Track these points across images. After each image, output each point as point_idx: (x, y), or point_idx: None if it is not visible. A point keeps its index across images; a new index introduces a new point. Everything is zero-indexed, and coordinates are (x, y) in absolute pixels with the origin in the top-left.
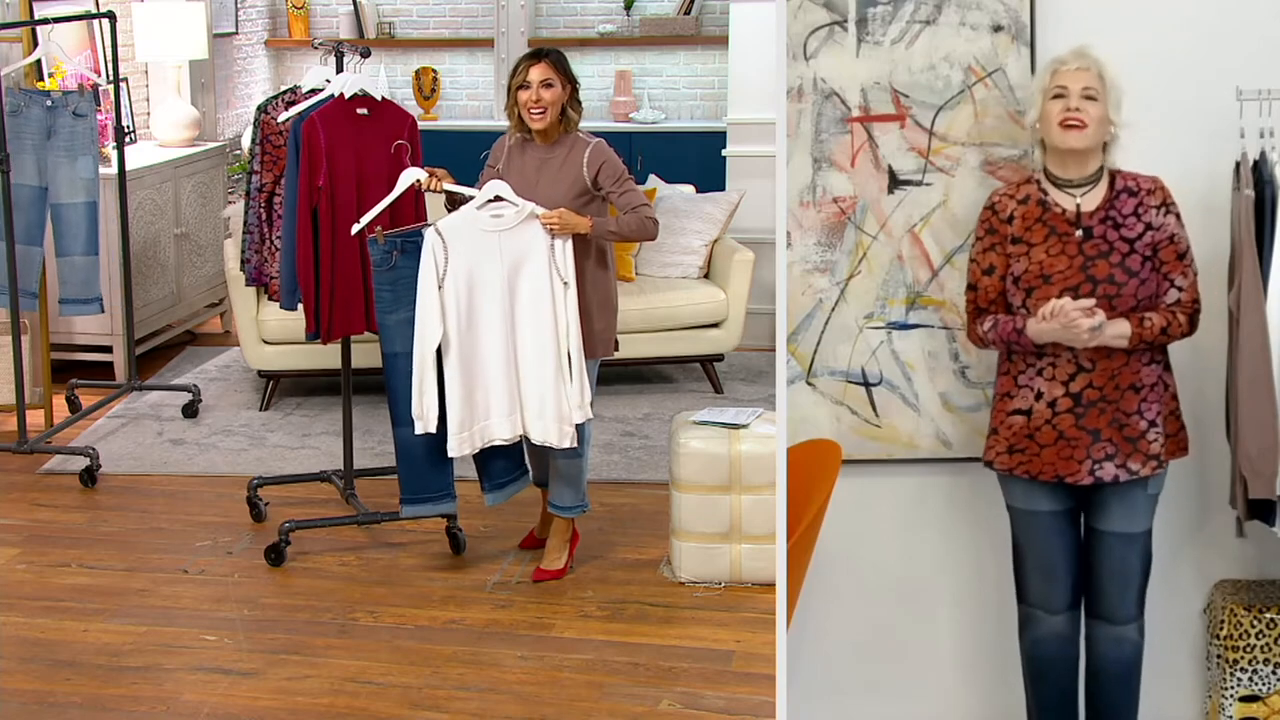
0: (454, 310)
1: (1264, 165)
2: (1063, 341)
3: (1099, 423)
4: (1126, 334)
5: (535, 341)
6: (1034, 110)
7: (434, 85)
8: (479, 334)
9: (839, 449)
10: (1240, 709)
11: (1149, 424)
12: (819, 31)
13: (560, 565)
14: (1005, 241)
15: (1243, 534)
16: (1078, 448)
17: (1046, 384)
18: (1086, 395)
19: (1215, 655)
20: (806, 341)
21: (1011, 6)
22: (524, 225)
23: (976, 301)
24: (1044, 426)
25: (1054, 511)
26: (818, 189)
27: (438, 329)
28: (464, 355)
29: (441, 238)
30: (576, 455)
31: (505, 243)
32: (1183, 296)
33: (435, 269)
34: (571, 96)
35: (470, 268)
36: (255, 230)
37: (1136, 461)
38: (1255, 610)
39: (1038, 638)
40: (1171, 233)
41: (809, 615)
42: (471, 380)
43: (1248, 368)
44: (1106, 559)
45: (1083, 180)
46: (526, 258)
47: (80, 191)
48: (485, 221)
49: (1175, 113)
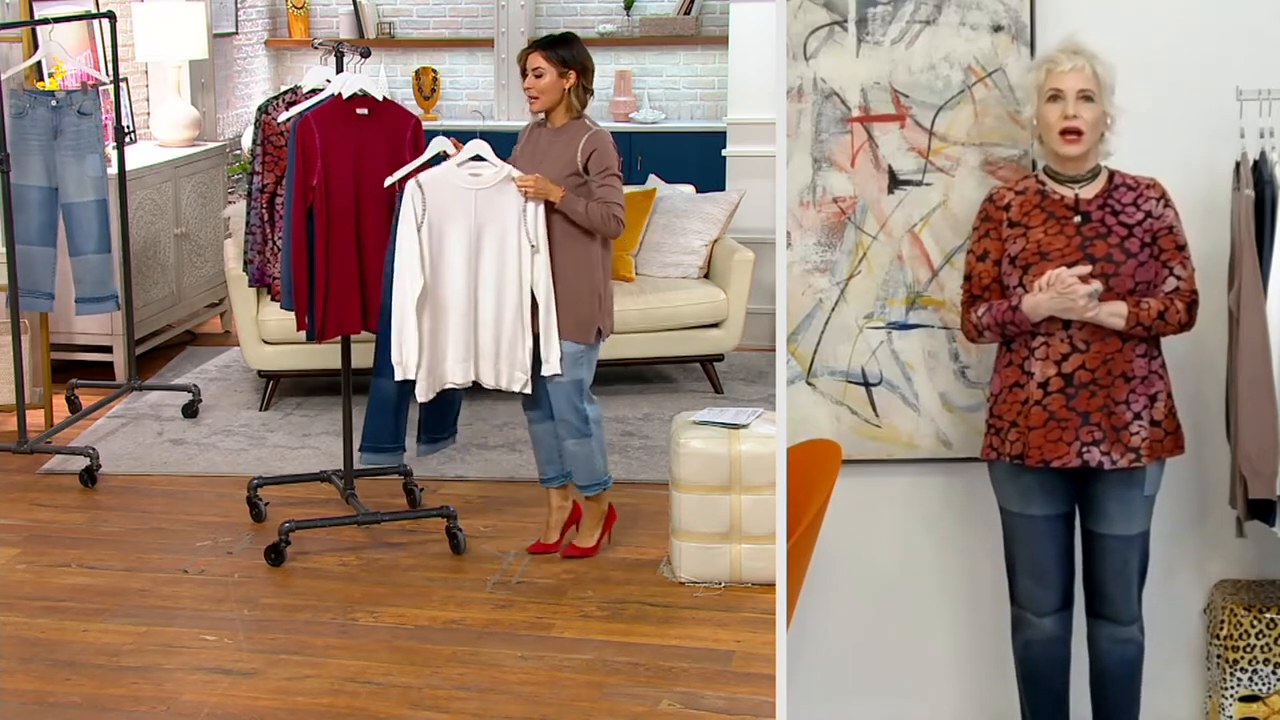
0: (426, 260)
1: (1264, 165)
2: (1059, 314)
3: (1089, 405)
4: (1123, 314)
5: (496, 295)
6: (1029, 107)
7: (434, 85)
8: (442, 284)
9: (839, 449)
10: (1240, 709)
11: (1134, 416)
12: (819, 31)
13: (590, 544)
14: (1001, 226)
15: (1243, 534)
16: (1066, 429)
17: (1039, 364)
18: (1078, 376)
19: (1215, 655)
20: (806, 341)
21: (1011, 6)
22: (500, 186)
23: (970, 290)
24: (1034, 407)
25: (1047, 515)
26: (818, 189)
27: (419, 278)
28: (429, 304)
29: (421, 189)
30: (583, 436)
31: (480, 200)
32: (1181, 285)
33: (415, 218)
34: (576, 83)
35: (442, 219)
36: (257, 231)
37: (1117, 451)
38: (1255, 610)
39: (1029, 640)
40: (1170, 224)
41: (809, 615)
42: (435, 328)
43: (1248, 368)
44: (1107, 561)
45: (1081, 175)
46: (498, 217)
47: (90, 190)
48: (463, 178)
49: (1175, 113)
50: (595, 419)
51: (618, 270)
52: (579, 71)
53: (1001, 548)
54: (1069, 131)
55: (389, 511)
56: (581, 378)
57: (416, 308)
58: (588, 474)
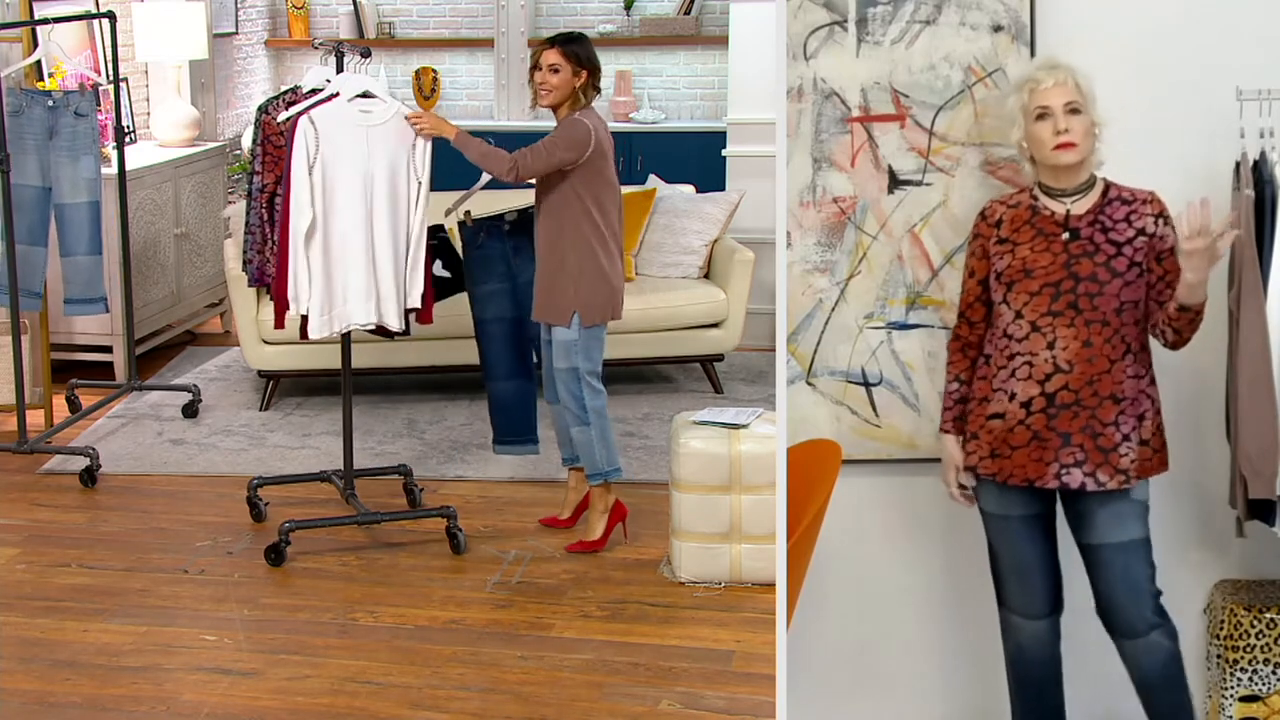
0: (319, 196)
1: (1264, 165)
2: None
3: (1070, 426)
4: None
5: (392, 235)
6: (1017, 129)
7: (434, 85)
8: (338, 220)
9: (839, 449)
10: (1240, 709)
11: (1123, 438)
12: (819, 31)
13: (595, 536)
14: (989, 243)
15: (1243, 534)
16: (1047, 449)
17: (1021, 384)
18: (1060, 397)
19: (1215, 655)
20: (806, 341)
21: (1011, 6)
22: (393, 123)
23: (960, 304)
24: (1017, 428)
25: (1025, 516)
26: (818, 189)
27: (308, 212)
28: (324, 240)
29: (314, 125)
30: (582, 424)
31: (373, 137)
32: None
33: (306, 155)
34: (586, 81)
35: (335, 156)
36: (256, 231)
37: (1105, 473)
38: (1255, 610)
39: (1018, 643)
40: (1172, 245)
41: (809, 615)
42: (330, 265)
43: (1248, 368)
44: (1107, 572)
45: (1075, 189)
46: (389, 153)
47: (83, 191)
48: (355, 115)
49: (1175, 113)
50: (596, 409)
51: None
52: (590, 71)
53: None
54: (1063, 146)
55: (389, 511)
56: (576, 365)
57: (308, 243)
58: (589, 462)
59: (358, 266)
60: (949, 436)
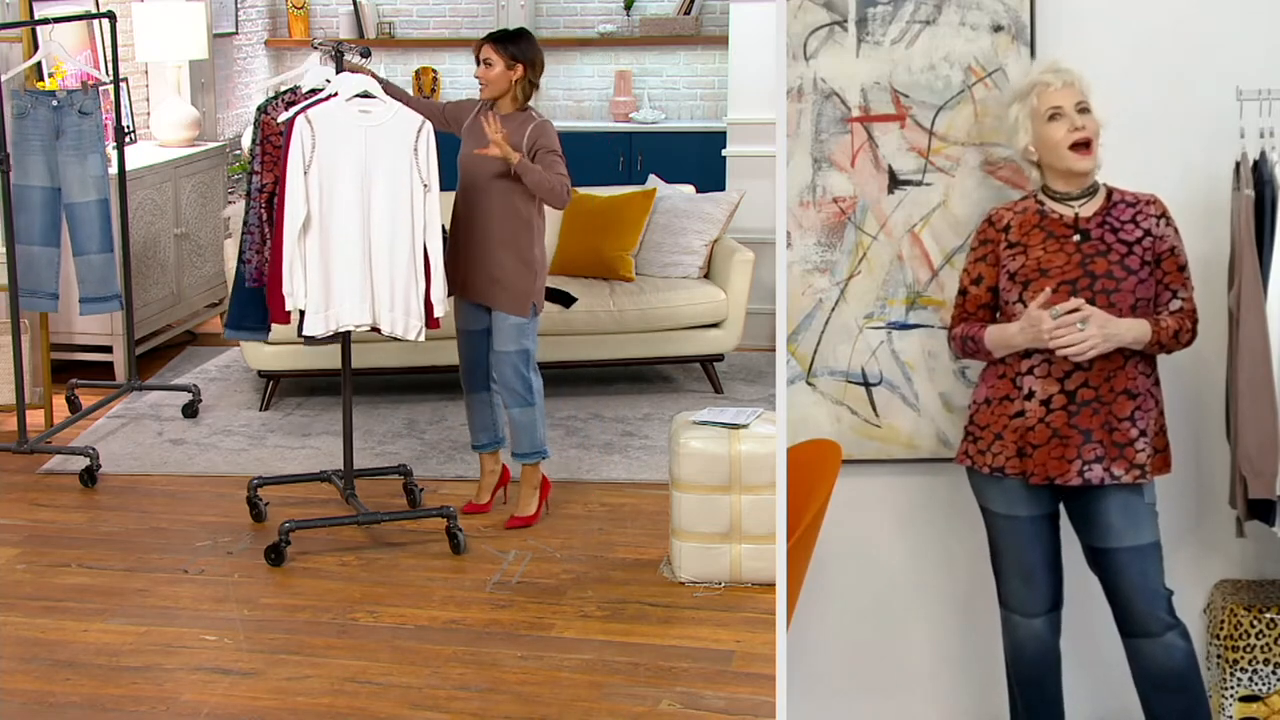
0: (316, 196)
1: (1264, 165)
2: (1029, 345)
3: (1091, 423)
4: (1146, 335)
5: (390, 236)
6: (1023, 134)
7: (434, 85)
8: (335, 221)
9: (839, 449)
10: (1240, 709)
11: (1139, 433)
12: (819, 31)
13: (531, 512)
14: (998, 248)
15: (1243, 534)
16: (1069, 446)
17: (1040, 382)
18: (1081, 394)
19: (1215, 655)
20: (806, 341)
21: (1011, 6)
22: (392, 124)
23: (965, 307)
24: (1038, 425)
25: (1033, 516)
26: (818, 189)
27: (302, 207)
28: (321, 240)
29: (311, 125)
30: (527, 404)
31: (371, 138)
32: (1185, 306)
33: (303, 155)
34: (523, 76)
35: (332, 156)
36: (255, 231)
37: (1120, 467)
38: (1255, 610)
39: (1018, 641)
40: (1172, 245)
41: (809, 615)
42: (328, 264)
43: (1248, 368)
44: (1125, 577)
45: (1081, 193)
46: (389, 155)
47: (92, 189)
48: (353, 115)
49: (1176, 113)
50: (538, 389)
51: (617, 270)
52: (526, 66)
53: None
54: (1080, 144)
55: (389, 511)
56: (527, 348)
57: (303, 240)
58: (530, 442)
59: (352, 267)
60: (993, 326)
